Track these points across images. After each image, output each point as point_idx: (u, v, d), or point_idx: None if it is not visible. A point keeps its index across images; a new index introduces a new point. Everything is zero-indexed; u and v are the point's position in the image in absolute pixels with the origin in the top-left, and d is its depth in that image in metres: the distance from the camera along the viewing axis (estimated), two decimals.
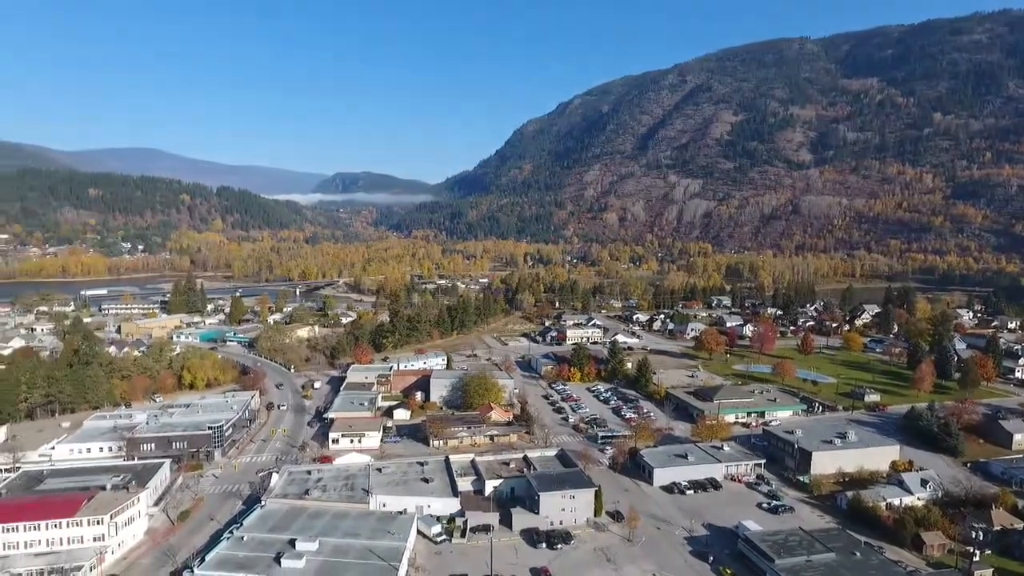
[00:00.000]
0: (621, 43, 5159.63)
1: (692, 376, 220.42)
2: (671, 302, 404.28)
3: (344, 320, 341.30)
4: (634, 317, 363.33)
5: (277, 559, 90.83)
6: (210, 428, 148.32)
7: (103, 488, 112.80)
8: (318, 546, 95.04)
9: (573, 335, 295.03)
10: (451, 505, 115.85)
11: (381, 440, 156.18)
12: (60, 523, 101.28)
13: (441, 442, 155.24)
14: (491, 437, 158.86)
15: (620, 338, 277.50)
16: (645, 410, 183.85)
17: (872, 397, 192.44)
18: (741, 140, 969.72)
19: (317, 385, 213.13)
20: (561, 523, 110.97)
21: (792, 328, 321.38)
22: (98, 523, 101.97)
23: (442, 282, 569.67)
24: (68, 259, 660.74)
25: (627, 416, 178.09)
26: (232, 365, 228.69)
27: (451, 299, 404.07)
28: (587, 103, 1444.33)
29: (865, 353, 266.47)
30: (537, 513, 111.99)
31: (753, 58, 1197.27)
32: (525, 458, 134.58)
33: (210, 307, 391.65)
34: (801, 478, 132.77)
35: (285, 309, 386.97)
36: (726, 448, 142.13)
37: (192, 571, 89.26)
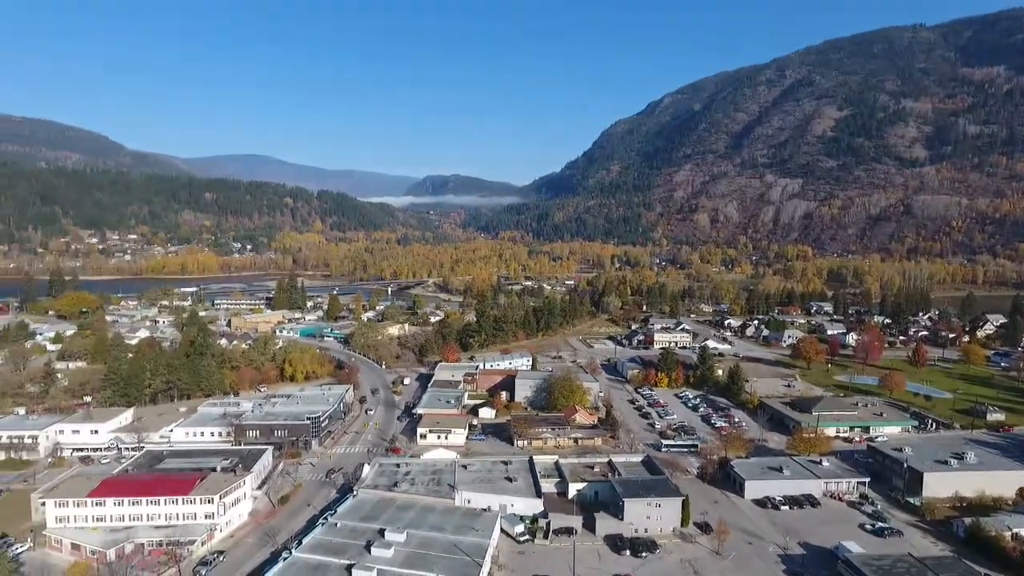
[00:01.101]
0: (716, 39, 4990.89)
1: (788, 386, 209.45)
2: (766, 307, 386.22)
3: (433, 319, 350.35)
4: (725, 322, 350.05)
5: (368, 547, 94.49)
6: (308, 419, 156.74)
7: (214, 470, 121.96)
8: (406, 537, 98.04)
9: (661, 339, 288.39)
10: (534, 506, 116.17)
11: (467, 437, 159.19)
12: (176, 500, 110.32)
13: (525, 442, 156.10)
14: (575, 440, 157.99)
15: (710, 343, 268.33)
16: (736, 419, 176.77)
17: (996, 415, 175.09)
18: (846, 136, 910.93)
19: (407, 381, 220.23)
20: (646, 531, 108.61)
21: (902, 338, 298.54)
22: (209, 502, 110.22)
23: (528, 283, 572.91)
24: (187, 258, 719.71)
25: (717, 424, 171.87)
26: (329, 359, 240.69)
27: (537, 300, 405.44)
28: (678, 101, 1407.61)
29: (988, 367, 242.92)
30: (621, 519, 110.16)
31: (860, 49, 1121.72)
32: (610, 463, 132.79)
33: (309, 304, 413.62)
34: (911, 500, 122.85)
35: (378, 307, 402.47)
36: (825, 463, 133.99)
37: (291, 552, 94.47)
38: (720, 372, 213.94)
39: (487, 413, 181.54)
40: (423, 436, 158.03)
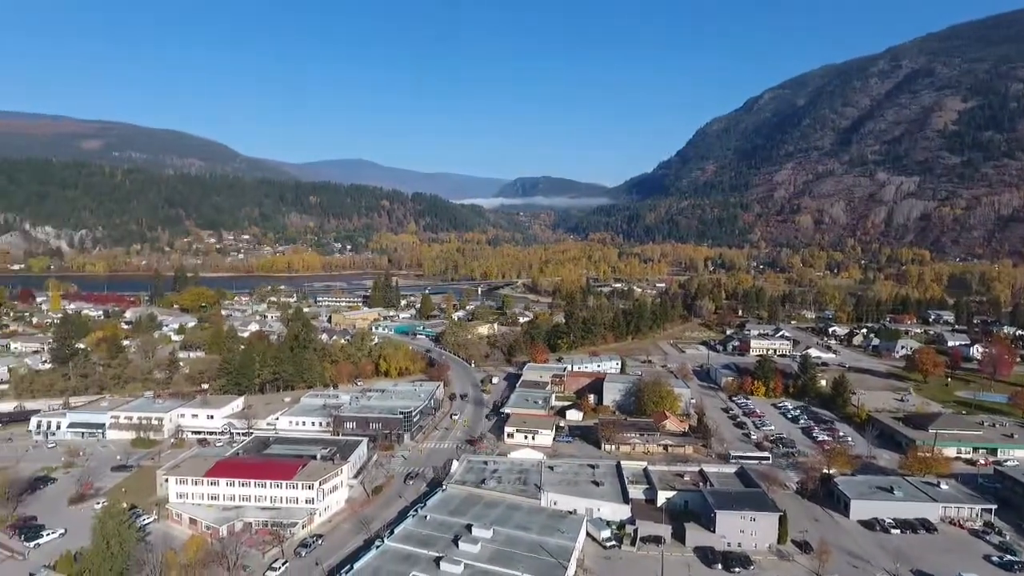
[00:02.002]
0: (822, 30, 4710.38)
1: (901, 400, 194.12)
2: (876, 315, 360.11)
3: (521, 319, 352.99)
4: (830, 330, 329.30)
5: (455, 541, 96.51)
6: (401, 413, 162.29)
7: (314, 457, 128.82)
8: (492, 534, 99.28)
9: (757, 346, 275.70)
10: (621, 511, 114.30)
11: (554, 439, 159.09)
12: (281, 484, 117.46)
13: (613, 446, 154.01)
14: (664, 447, 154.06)
15: (813, 352, 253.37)
16: (841, 433, 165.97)
17: None
18: (971, 130, 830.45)
19: (495, 381, 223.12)
20: (739, 545, 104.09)
21: None
22: (309, 488, 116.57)
23: (618, 285, 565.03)
24: (292, 257, 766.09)
25: (820, 438, 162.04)
26: (421, 357, 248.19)
27: (627, 303, 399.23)
28: (779, 97, 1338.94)
29: None
30: (713, 531, 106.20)
31: (988, 34, 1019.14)
32: (701, 472, 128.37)
33: (403, 302, 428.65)
34: None
35: (468, 307, 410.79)
36: (944, 486, 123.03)
37: (383, 541, 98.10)
38: (823, 382, 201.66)
39: (574, 415, 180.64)
40: (510, 435, 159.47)
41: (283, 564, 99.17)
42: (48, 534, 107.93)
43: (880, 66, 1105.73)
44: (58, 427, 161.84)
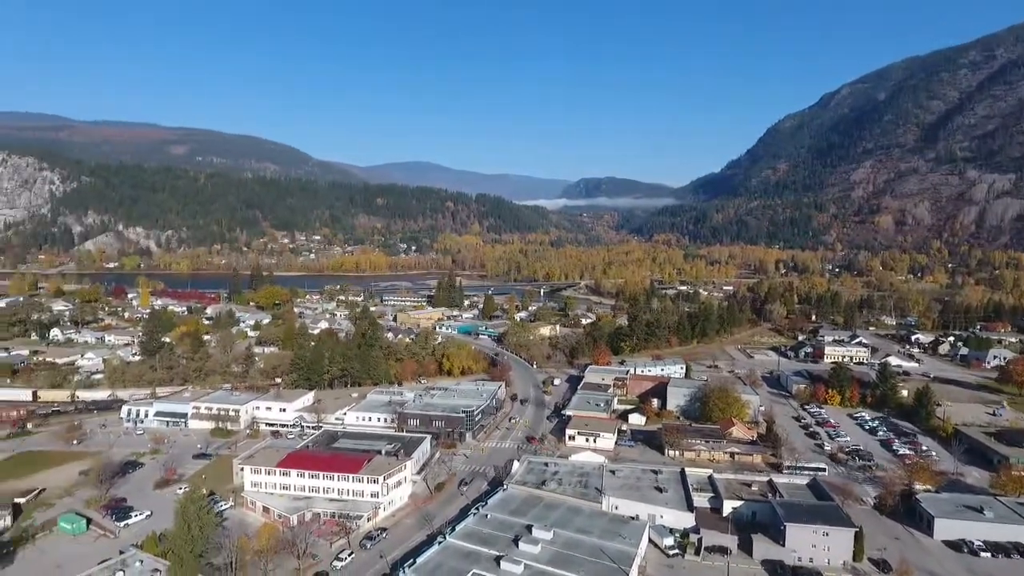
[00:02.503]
0: (904, 20, 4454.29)
1: (994, 414, 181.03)
2: (964, 322, 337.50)
3: (584, 321, 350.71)
4: (912, 337, 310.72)
5: (516, 541, 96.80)
6: (464, 412, 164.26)
7: (379, 453, 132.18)
8: (552, 536, 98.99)
9: (832, 353, 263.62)
10: (685, 519, 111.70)
11: (615, 442, 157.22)
12: (348, 477, 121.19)
13: (677, 452, 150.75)
14: (731, 454, 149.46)
15: (893, 360, 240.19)
16: (924, 447, 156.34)
17: None
18: None
19: (556, 382, 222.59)
20: (811, 561, 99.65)
21: None
22: (374, 482, 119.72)
23: (683, 288, 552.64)
24: (360, 257, 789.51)
25: (900, 452, 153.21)
26: (483, 357, 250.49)
27: (692, 306, 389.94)
28: (857, 92, 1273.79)
29: None
30: (782, 545, 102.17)
31: None
32: (770, 482, 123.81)
33: (466, 303, 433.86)
34: None
35: (530, 308, 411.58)
36: None
37: (445, 537, 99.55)
38: (904, 393, 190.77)
39: (637, 419, 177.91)
40: (571, 438, 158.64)
41: (349, 555, 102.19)
42: (136, 515, 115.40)
43: (971, 56, 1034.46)
44: (146, 415, 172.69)
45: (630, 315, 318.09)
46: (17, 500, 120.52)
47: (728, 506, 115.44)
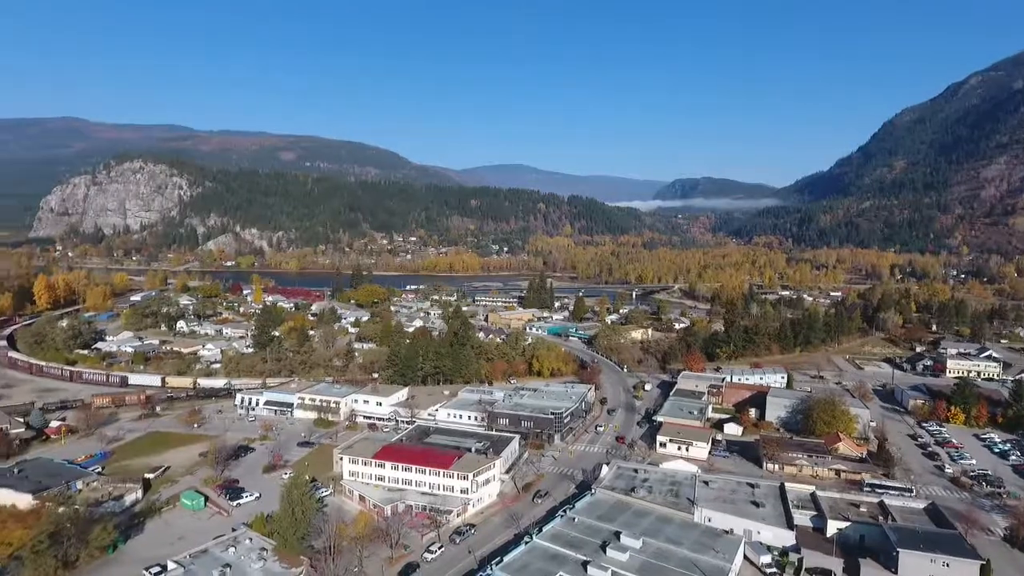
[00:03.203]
0: None
1: None
2: None
3: (677, 325, 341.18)
4: None
5: (603, 547, 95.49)
6: (553, 414, 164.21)
7: (469, 450, 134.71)
8: (641, 544, 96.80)
9: (956, 366, 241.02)
10: (784, 537, 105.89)
11: (709, 452, 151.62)
12: (439, 472, 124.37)
13: (776, 466, 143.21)
14: (836, 472, 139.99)
15: None
16: None
17: None
18: None
19: (647, 387, 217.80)
20: None
21: None
22: (464, 479, 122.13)
23: (785, 293, 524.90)
24: (454, 258, 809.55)
25: None
26: (573, 359, 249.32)
27: (795, 312, 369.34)
28: (990, 81, 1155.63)
29: None
30: (894, 572, 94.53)
31: None
32: (881, 504, 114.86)
33: (557, 304, 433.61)
34: None
35: (621, 310, 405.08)
36: None
37: (532, 538, 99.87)
38: None
39: (733, 429, 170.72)
40: (663, 445, 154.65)
41: (439, 548, 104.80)
42: (247, 496, 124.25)
43: None
44: (256, 404, 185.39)
45: (727, 320, 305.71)
46: (147, 476, 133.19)
47: (832, 526, 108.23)
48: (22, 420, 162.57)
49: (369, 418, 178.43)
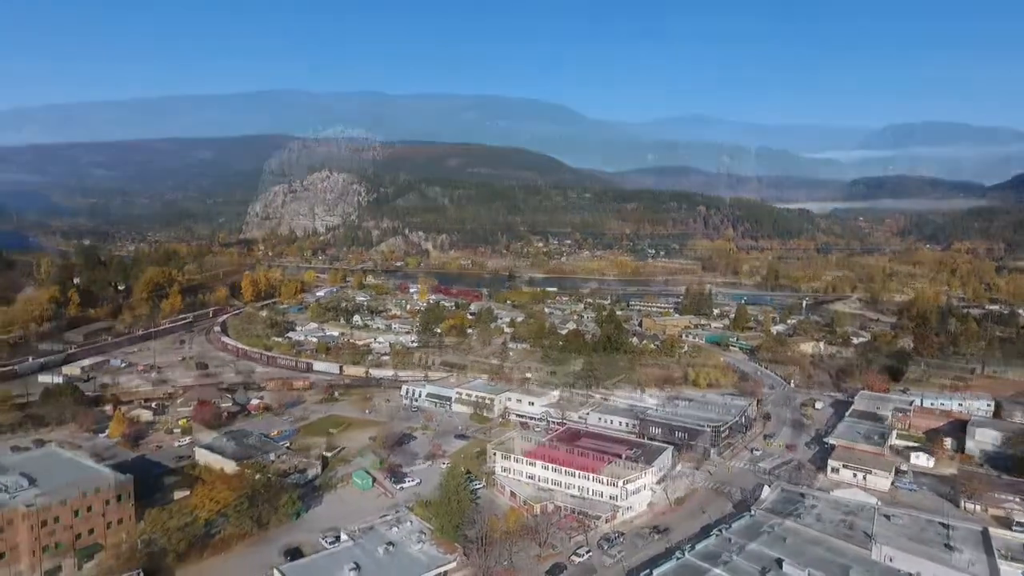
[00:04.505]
0: None
1: None
2: None
3: (854, 340, 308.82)
4: None
5: (763, 573, 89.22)
6: (710, 426, 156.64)
7: (619, 456, 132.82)
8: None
9: None
10: None
11: (892, 483, 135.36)
12: (588, 476, 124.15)
13: (978, 507, 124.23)
14: None
15: None
16: None
17: None
18: None
19: (819, 406, 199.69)
20: None
21: None
22: (613, 485, 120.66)
23: (994, 308, 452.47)
24: (609, 261, 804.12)
25: None
26: (732, 370, 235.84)
27: (1006, 330, 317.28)
28: None
29: None
30: None
31: None
32: None
33: (716, 311, 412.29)
34: None
35: (789, 321, 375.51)
36: None
37: (683, 554, 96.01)
38: None
39: (922, 460, 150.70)
40: (835, 470, 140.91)
41: (587, 552, 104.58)
42: (409, 481, 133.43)
43: None
44: (419, 395, 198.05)
45: (917, 336, 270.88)
46: (325, 454, 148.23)
47: None
48: (231, 396, 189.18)
49: (521, 417, 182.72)
